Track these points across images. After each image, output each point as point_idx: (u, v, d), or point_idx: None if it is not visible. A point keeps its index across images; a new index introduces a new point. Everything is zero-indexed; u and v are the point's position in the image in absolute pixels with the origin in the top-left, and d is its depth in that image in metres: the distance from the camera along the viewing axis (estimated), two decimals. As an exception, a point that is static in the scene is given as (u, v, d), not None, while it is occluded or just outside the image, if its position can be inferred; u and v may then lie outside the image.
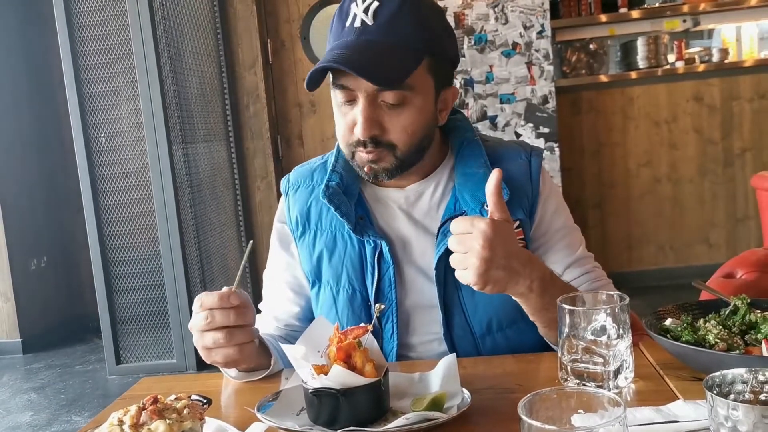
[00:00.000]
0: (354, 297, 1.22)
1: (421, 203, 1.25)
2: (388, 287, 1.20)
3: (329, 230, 1.24)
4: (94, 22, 3.51)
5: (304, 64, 4.41)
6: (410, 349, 1.22)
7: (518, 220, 1.20)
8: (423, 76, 1.14)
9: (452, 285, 1.19)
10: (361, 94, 1.12)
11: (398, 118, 1.13)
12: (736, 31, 4.77)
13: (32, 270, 4.47)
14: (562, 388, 0.67)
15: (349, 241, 1.22)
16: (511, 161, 1.24)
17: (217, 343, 1.03)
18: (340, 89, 1.14)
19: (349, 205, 1.22)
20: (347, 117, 1.15)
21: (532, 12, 3.95)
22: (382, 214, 1.25)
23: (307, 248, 1.26)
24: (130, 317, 3.67)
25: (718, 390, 0.72)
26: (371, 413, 0.91)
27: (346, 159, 1.22)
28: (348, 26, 1.12)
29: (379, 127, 1.13)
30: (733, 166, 4.53)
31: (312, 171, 1.31)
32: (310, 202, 1.27)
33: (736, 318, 1.03)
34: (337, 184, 1.23)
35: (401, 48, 1.11)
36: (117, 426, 0.81)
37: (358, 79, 1.10)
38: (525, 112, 4.01)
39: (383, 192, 1.26)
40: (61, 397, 3.50)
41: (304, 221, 1.27)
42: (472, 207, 1.19)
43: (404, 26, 1.11)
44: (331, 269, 1.23)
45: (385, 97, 1.11)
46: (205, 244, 3.92)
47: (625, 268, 4.58)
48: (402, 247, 1.23)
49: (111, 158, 3.60)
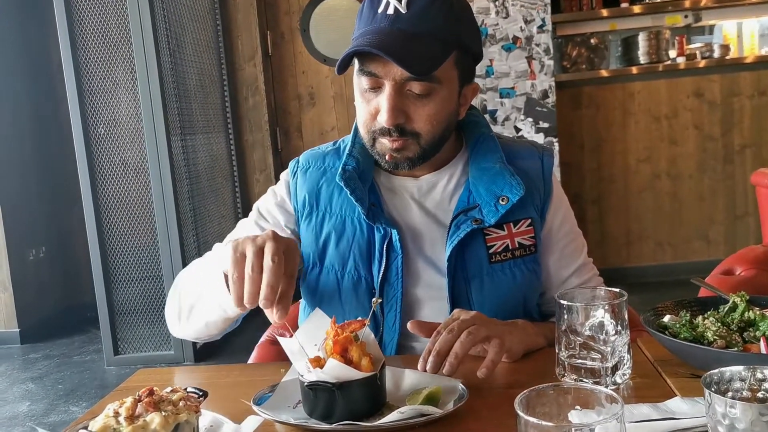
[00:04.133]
0: (359, 283, 1.21)
1: (433, 194, 1.25)
2: (395, 276, 1.20)
3: (339, 214, 1.24)
4: (93, 12, 3.50)
5: (303, 56, 4.40)
6: (413, 338, 1.22)
7: (530, 218, 1.22)
8: (450, 69, 1.15)
9: (461, 277, 1.20)
10: (389, 81, 1.12)
11: (423, 109, 1.14)
12: (738, 27, 4.76)
13: (30, 260, 4.47)
14: (559, 384, 0.66)
15: (359, 227, 1.22)
16: (525, 159, 1.26)
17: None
18: (367, 76, 1.13)
19: (363, 190, 1.22)
20: (371, 104, 1.15)
21: (533, 6, 3.94)
22: (394, 202, 1.25)
23: (313, 230, 1.25)
24: (128, 308, 3.67)
25: (716, 387, 0.71)
26: (367, 407, 0.91)
27: (363, 145, 1.23)
28: (380, 13, 1.12)
29: (404, 116, 1.14)
30: (733, 163, 4.52)
31: (324, 155, 1.31)
32: (321, 184, 1.27)
33: (734, 315, 1.02)
34: (354, 168, 1.23)
35: (433, 38, 1.11)
36: (113, 418, 0.80)
37: (387, 66, 1.10)
38: (525, 107, 4.01)
39: (397, 181, 1.26)
40: (59, 387, 3.50)
41: (312, 202, 1.26)
42: (486, 200, 1.20)
43: (437, 17, 1.11)
44: (338, 254, 1.22)
45: (413, 86, 1.12)
46: (204, 236, 3.91)
47: (623, 264, 4.58)
48: (412, 237, 1.23)
49: (110, 149, 3.59)
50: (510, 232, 1.21)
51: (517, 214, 1.21)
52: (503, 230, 1.20)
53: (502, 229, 1.20)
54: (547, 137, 4.02)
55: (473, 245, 1.20)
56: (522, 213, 1.21)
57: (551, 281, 1.27)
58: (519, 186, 1.19)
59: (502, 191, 1.19)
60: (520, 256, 1.21)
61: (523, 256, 1.21)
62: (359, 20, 1.17)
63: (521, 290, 1.23)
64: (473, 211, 1.20)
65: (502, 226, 1.20)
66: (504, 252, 1.20)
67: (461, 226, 1.18)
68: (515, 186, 1.19)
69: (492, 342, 1.02)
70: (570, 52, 4.56)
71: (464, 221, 1.19)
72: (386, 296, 1.20)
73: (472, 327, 1.01)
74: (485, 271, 1.20)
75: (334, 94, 4.42)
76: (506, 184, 1.19)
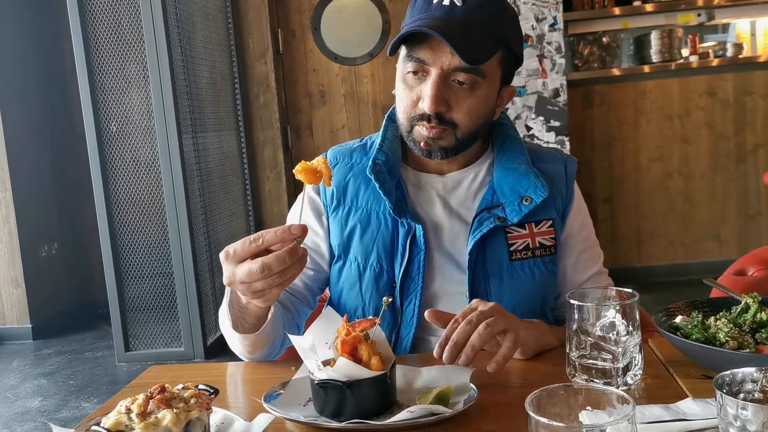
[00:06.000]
0: (381, 276, 1.23)
1: (458, 191, 1.28)
2: (416, 271, 1.21)
3: (365, 208, 1.26)
4: (106, 10, 3.52)
5: (314, 54, 4.40)
6: (429, 332, 1.23)
7: (551, 220, 1.24)
8: (495, 66, 1.18)
9: (481, 273, 1.21)
10: (436, 69, 1.14)
11: (465, 101, 1.16)
12: (751, 25, 4.72)
13: (43, 256, 4.50)
14: (570, 385, 0.66)
15: (384, 222, 1.24)
16: (549, 162, 1.29)
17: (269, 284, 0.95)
18: (415, 62, 1.16)
19: (391, 184, 1.24)
20: (413, 91, 1.18)
21: (545, 4, 3.92)
22: (419, 198, 1.27)
23: (339, 222, 1.27)
24: (139, 305, 3.69)
25: (728, 389, 0.71)
26: (377, 406, 0.91)
27: (392, 140, 1.27)
28: (436, 3, 1.15)
29: (446, 105, 1.16)
30: (746, 162, 4.49)
31: (351, 151, 1.33)
32: (348, 178, 1.29)
33: (746, 316, 1.02)
34: (383, 162, 1.25)
35: (486, 31, 1.14)
36: (125, 414, 0.81)
37: (437, 54, 1.13)
38: (536, 105, 3.99)
39: (423, 177, 1.29)
40: (71, 383, 3.53)
41: (339, 195, 1.28)
42: (510, 200, 1.22)
43: (490, 14, 1.15)
44: (362, 246, 1.25)
45: (458, 76, 1.14)
46: (214, 234, 3.93)
47: (634, 263, 4.56)
48: (434, 233, 1.25)
49: (121, 146, 3.62)
50: (531, 232, 1.23)
51: (539, 215, 1.23)
52: (525, 229, 1.23)
53: (523, 228, 1.22)
54: (558, 136, 4.00)
55: (495, 242, 1.21)
56: (544, 214, 1.23)
57: (566, 285, 1.28)
58: (543, 188, 1.21)
59: (527, 192, 1.22)
60: (540, 256, 1.23)
61: (543, 255, 1.23)
62: (411, 9, 1.19)
63: (540, 290, 1.24)
64: (497, 210, 1.22)
65: (524, 226, 1.22)
66: (524, 250, 1.22)
67: (484, 223, 1.21)
68: (540, 187, 1.21)
69: (507, 336, 1.01)
70: (582, 51, 4.54)
71: (487, 218, 1.21)
72: (406, 290, 1.21)
73: (491, 319, 1.01)
74: (505, 269, 1.22)
75: (345, 92, 4.42)
76: (531, 185, 1.22)
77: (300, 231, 0.92)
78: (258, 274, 0.91)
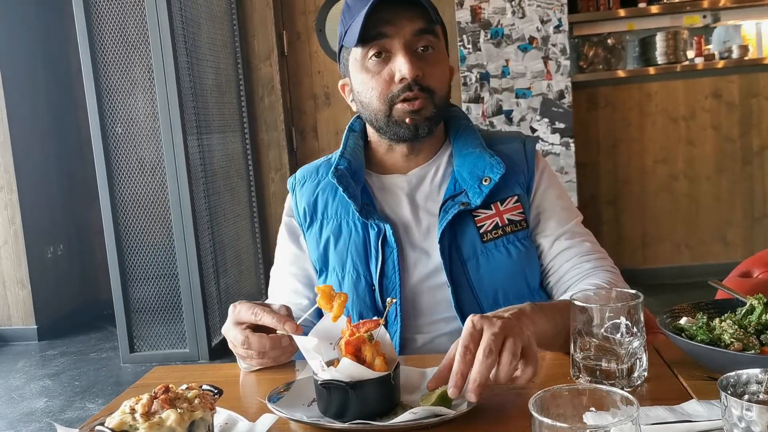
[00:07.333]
0: (359, 281, 1.24)
1: (423, 187, 1.30)
2: (392, 270, 1.22)
3: (335, 218, 1.28)
4: (111, 12, 3.53)
5: (319, 56, 4.41)
6: (415, 331, 1.23)
7: (516, 195, 1.26)
8: (440, 35, 1.24)
9: (457, 261, 1.22)
10: (399, 41, 1.17)
11: (433, 67, 1.20)
12: (757, 27, 4.71)
13: (48, 258, 4.52)
14: (574, 386, 0.66)
15: (354, 228, 1.26)
16: (506, 143, 1.32)
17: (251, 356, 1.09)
18: (376, 40, 1.18)
19: (356, 187, 1.26)
20: (382, 73, 1.20)
21: (550, 6, 3.92)
22: (386, 200, 1.29)
23: (315, 237, 1.30)
24: (144, 306, 3.70)
25: (733, 390, 0.71)
26: (381, 407, 0.91)
27: (354, 148, 1.30)
28: None
29: (420, 71, 1.18)
30: (752, 164, 4.48)
31: (317, 167, 1.36)
32: (316, 193, 1.32)
33: (752, 318, 1.01)
34: (345, 168, 1.27)
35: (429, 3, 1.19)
36: (129, 414, 0.81)
37: (396, 24, 1.16)
38: (541, 107, 3.99)
39: (387, 179, 1.31)
40: (76, 384, 3.54)
41: (311, 212, 1.31)
42: (470, 184, 1.24)
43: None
44: (337, 255, 1.27)
45: (421, 41, 1.19)
46: (219, 235, 3.93)
47: (639, 266, 4.55)
48: (405, 230, 1.26)
49: (127, 148, 3.63)
50: (498, 211, 1.24)
51: (503, 193, 1.25)
52: (491, 209, 1.24)
53: (489, 209, 1.24)
54: (563, 138, 4.00)
55: (464, 228, 1.23)
56: (507, 191, 1.25)
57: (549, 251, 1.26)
58: (499, 165, 1.23)
59: (484, 172, 1.24)
60: (511, 232, 1.24)
61: (515, 231, 1.24)
62: (348, 10, 1.22)
63: (519, 267, 1.23)
64: (460, 196, 1.24)
65: (489, 206, 1.24)
66: (495, 230, 1.23)
67: (449, 211, 1.22)
68: (495, 165, 1.23)
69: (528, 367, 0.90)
70: (587, 53, 4.53)
71: (452, 206, 1.23)
72: (385, 290, 1.22)
73: (509, 342, 0.89)
74: (479, 251, 1.23)
75: (350, 94, 4.43)
76: (487, 165, 1.24)
77: (293, 330, 1.00)
78: (240, 346, 1.05)
